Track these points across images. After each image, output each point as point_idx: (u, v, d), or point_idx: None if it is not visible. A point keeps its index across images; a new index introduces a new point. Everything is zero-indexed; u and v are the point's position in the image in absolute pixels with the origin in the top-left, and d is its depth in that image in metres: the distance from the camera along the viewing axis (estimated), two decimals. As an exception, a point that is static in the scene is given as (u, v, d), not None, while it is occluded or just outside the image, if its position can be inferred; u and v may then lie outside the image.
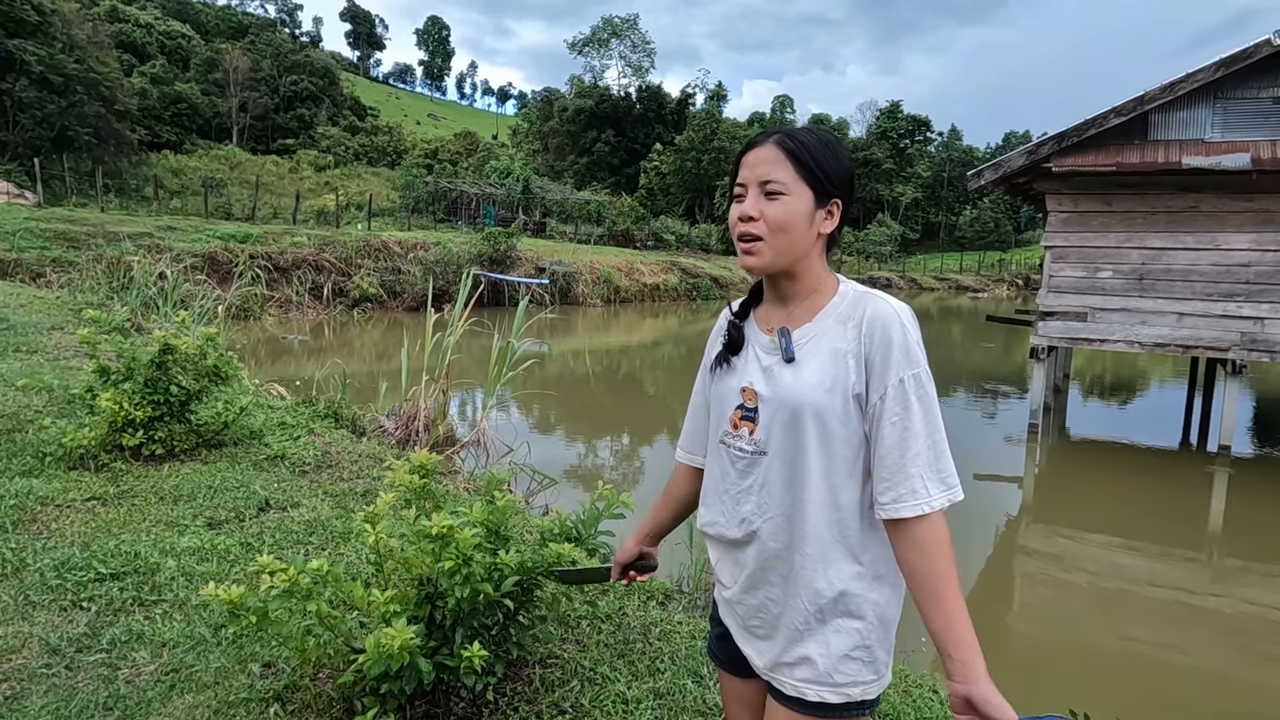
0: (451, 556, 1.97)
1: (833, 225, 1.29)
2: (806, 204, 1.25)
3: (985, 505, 8.06)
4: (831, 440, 1.23)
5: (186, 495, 3.84)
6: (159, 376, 4.23)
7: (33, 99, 34.39)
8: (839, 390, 1.22)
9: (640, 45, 70.75)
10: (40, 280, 15.28)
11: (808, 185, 1.25)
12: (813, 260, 1.30)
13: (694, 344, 22.39)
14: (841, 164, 1.28)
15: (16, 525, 3.40)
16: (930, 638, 1.16)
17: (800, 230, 1.26)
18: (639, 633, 2.80)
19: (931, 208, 75.16)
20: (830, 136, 1.30)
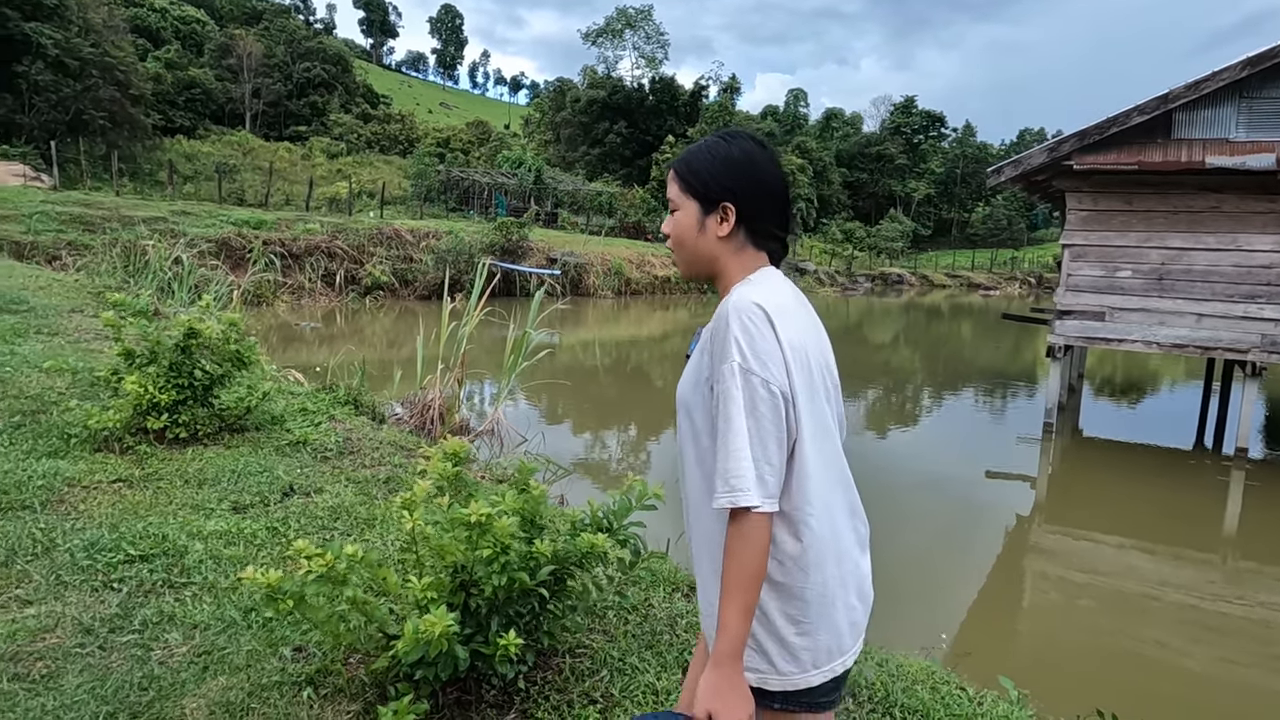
0: (489, 545, 1.97)
1: (729, 227, 1.32)
2: (693, 215, 1.34)
3: (996, 504, 8.04)
4: (698, 432, 1.28)
5: (211, 479, 3.86)
6: (183, 360, 4.25)
7: (48, 82, 34.47)
8: (700, 384, 1.28)
9: (654, 36, 70.36)
10: (56, 263, 15.35)
11: (692, 197, 1.33)
12: (725, 263, 1.34)
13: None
14: (726, 170, 1.31)
15: (45, 505, 3.42)
16: None
17: (691, 239, 1.35)
18: (666, 624, 2.80)
19: (944, 204, 74.72)
20: (716, 142, 1.35)
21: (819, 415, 1.26)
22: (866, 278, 47.40)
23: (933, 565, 6.37)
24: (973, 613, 5.36)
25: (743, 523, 1.16)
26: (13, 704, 2.12)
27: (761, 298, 1.22)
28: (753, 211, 1.32)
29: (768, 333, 1.19)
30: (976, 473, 9.04)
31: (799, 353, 1.23)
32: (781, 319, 1.22)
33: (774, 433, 1.18)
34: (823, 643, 1.25)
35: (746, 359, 1.17)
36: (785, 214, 1.38)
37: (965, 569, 6.25)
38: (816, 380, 1.27)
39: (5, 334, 6.31)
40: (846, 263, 48.84)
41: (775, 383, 1.18)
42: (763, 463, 1.16)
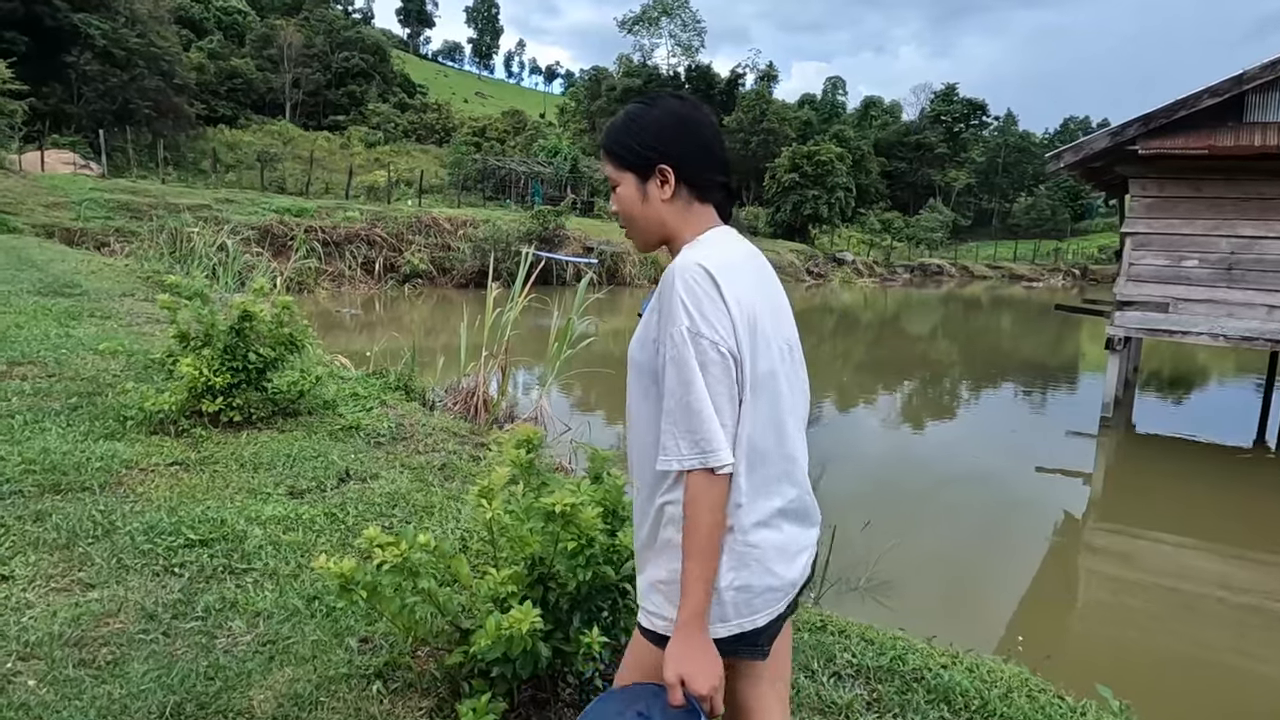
0: (572, 537, 1.85)
1: (670, 189, 1.31)
2: (631, 186, 1.32)
3: (1047, 500, 7.77)
4: (648, 389, 1.28)
5: (266, 463, 3.81)
6: (237, 344, 4.20)
7: (96, 72, 35.18)
8: (649, 344, 1.27)
9: (690, 24, 69.73)
10: (105, 249, 15.62)
11: (628, 169, 1.32)
12: (674, 225, 1.33)
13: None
14: (649, 131, 1.30)
15: (104, 487, 3.39)
16: None
17: (637, 210, 1.34)
18: (740, 622, 2.67)
19: (984, 194, 73.24)
20: (636, 109, 1.34)
21: (762, 375, 1.24)
22: (905, 268, 46.62)
23: (986, 562, 6.16)
24: (1038, 612, 5.15)
25: (704, 481, 1.16)
26: (79, 691, 2.06)
27: (705, 257, 1.21)
28: (690, 167, 1.31)
29: (713, 293, 1.18)
30: (1025, 467, 8.76)
31: (746, 311, 1.22)
32: (727, 277, 1.20)
33: (727, 394, 1.18)
34: (731, 600, 1.24)
35: (695, 321, 1.16)
36: (722, 161, 1.36)
37: (1021, 566, 6.03)
38: (761, 341, 1.25)
39: (60, 317, 6.37)
40: (885, 253, 48.09)
41: (724, 344, 1.17)
42: (719, 425, 1.16)
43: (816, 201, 41.79)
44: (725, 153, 1.38)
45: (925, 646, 2.66)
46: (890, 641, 2.62)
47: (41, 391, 4.58)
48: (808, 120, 65.06)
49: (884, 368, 16.13)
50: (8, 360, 5.07)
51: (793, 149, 44.71)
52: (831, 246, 44.69)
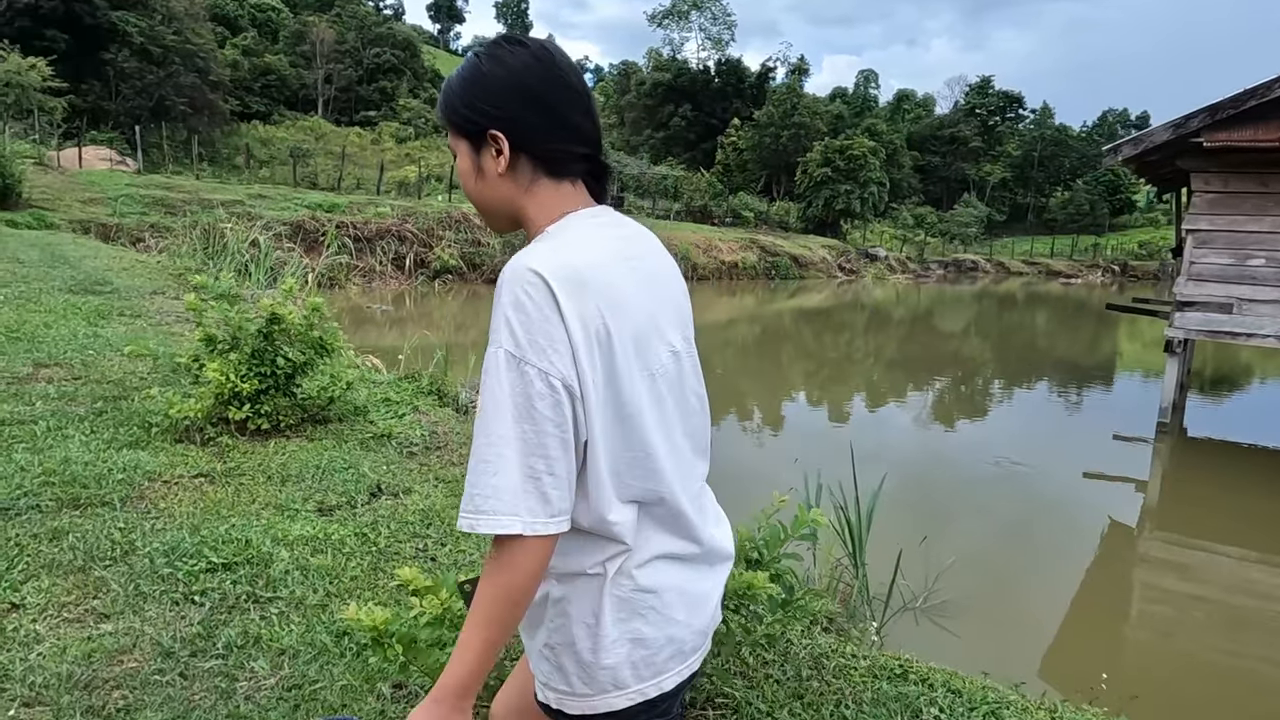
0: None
1: (505, 160, 1.04)
2: (466, 156, 1.08)
3: (1095, 508, 7.39)
4: None
5: (295, 475, 3.61)
6: (265, 348, 4.02)
7: (133, 69, 35.61)
8: None
9: (721, 17, 69.17)
10: (139, 245, 15.68)
11: (460, 135, 1.08)
12: (520, 206, 1.07)
13: (769, 325, 21.79)
14: (484, 89, 1.04)
15: (125, 501, 3.22)
16: None
17: (472, 186, 1.10)
18: (810, 665, 2.41)
19: (1019, 189, 71.74)
20: (474, 61, 1.07)
21: (623, 407, 0.98)
22: (939, 264, 45.77)
23: (1040, 577, 5.81)
24: (1108, 638, 4.82)
25: (509, 548, 0.92)
26: (86, 746, 1.86)
27: (544, 261, 0.94)
28: (528, 133, 1.03)
29: (549, 311, 0.92)
30: (1072, 473, 8.38)
31: (596, 328, 0.95)
32: (571, 286, 0.94)
33: (557, 435, 0.92)
34: (627, 661, 1.04)
35: (520, 344, 0.91)
36: (579, 128, 1.06)
37: (1078, 582, 5.68)
38: (623, 363, 0.98)
39: (90, 316, 6.26)
40: (918, 249, 47.25)
41: (556, 374, 0.91)
42: (545, 474, 0.92)
43: (849, 196, 41.12)
44: (590, 118, 1.07)
45: (1019, 699, 2.38)
46: (980, 693, 2.34)
47: (66, 395, 4.44)
48: (839, 114, 64.20)
49: (918, 366, 15.71)
50: (34, 361, 4.95)
51: (825, 143, 44.02)
52: (863, 242, 44.00)
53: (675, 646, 1.08)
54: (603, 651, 1.03)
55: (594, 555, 1.03)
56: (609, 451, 0.98)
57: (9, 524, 2.94)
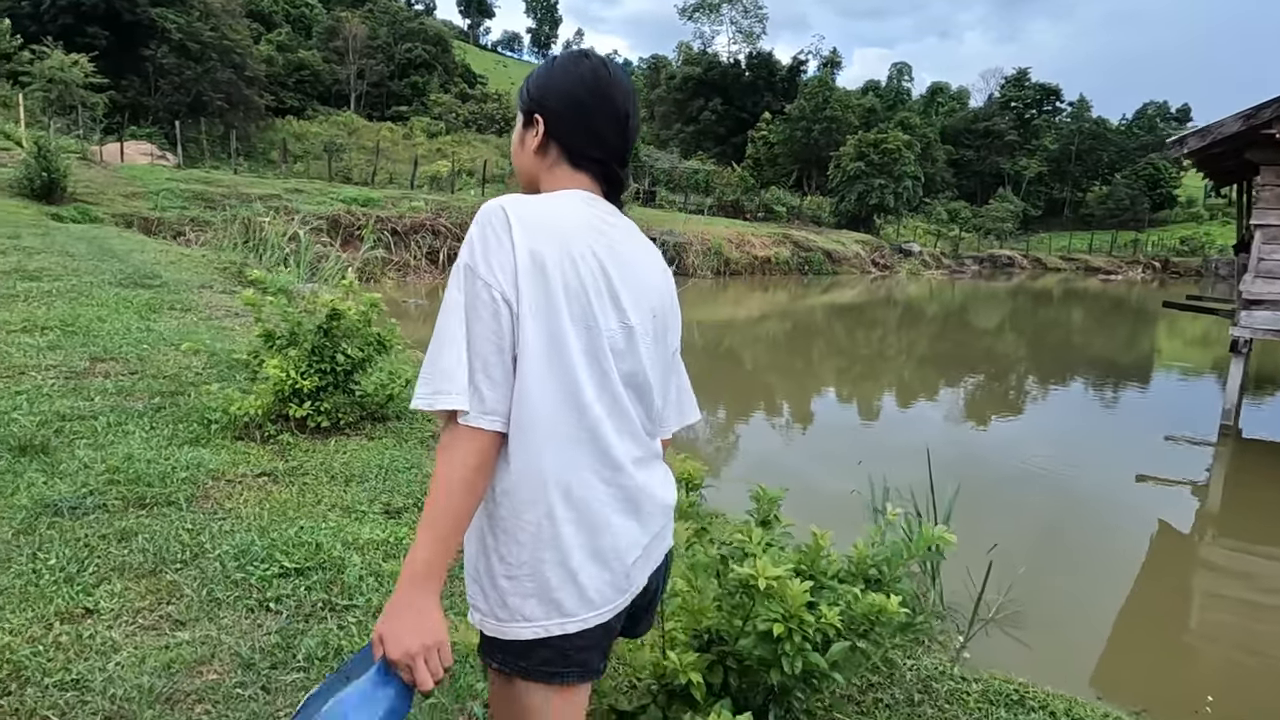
0: (777, 617, 1.47)
1: (537, 142, 1.24)
2: (517, 127, 1.30)
3: (1148, 512, 7.12)
4: None
5: (358, 475, 3.53)
6: (325, 344, 3.93)
7: (172, 65, 36.09)
8: None
9: (752, 10, 68.55)
10: (180, 238, 15.84)
11: (520, 110, 1.29)
12: (540, 180, 1.27)
13: (800, 320, 21.52)
14: (545, 82, 1.26)
15: (190, 501, 3.15)
16: None
17: (515, 153, 1.32)
18: (920, 689, 2.26)
19: (1055, 183, 70.34)
20: (554, 60, 1.28)
21: (560, 338, 1.09)
22: (974, 260, 45.02)
23: (1106, 585, 5.58)
24: (1193, 653, 4.59)
25: (452, 433, 1.05)
26: (173, 766, 1.77)
27: (510, 202, 1.12)
28: (562, 128, 1.24)
29: (504, 237, 1.09)
30: (1124, 476, 8.10)
31: (540, 263, 1.08)
32: (529, 226, 1.10)
33: (493, 340, 1.06)
34: (531, 593, 1.09)
35: (475, 260, 1.08)
36: (606, 141, 1.24)
37: (1145, 591, 5.45)
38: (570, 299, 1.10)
39: (141, 309, 6.25)
40: (953, 244, 46.49)
41: (497, 288, 1.06)
42: (479, 373, 1.05)
43: (883, 191, 40.51)
44: (620, 134, 1.25)
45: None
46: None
47: (124, 390, 4.40)
48: (871, 108, 63.34)
49: (958, 364, 15.38)
50: (91, 356, 4.93)
51: (859, 137, 43.40)
52: (897, 237, 43.40)
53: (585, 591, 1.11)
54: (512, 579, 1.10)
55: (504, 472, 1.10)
56: (541, 376, 1.07)
57: (77, 524, 2.88)
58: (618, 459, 1.14)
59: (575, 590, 1.10)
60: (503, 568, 1.09)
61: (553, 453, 1.09)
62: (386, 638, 1.02)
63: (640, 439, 1.19)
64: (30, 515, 2.89)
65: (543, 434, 1.08)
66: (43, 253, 8.35)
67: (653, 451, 1.24)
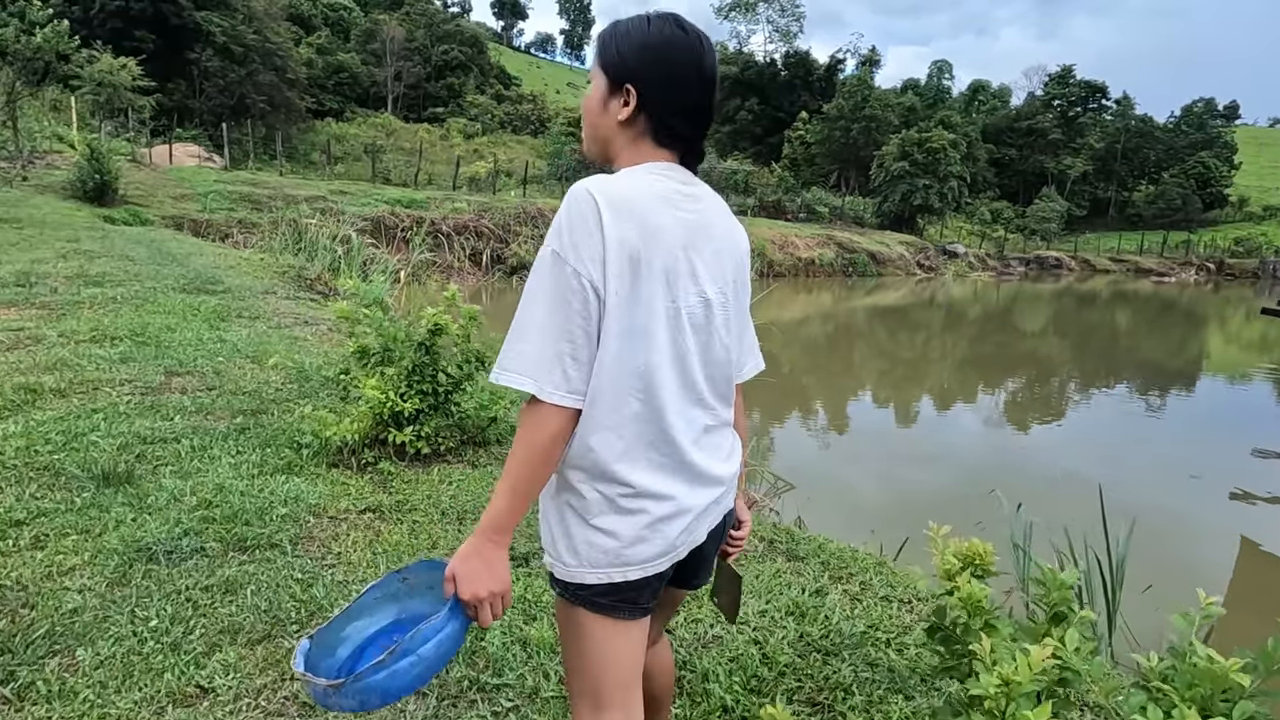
0: None
1: (628, 112, 1.21)
2: (600, 90, 1.24)
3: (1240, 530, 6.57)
4: None
5: (471, 512, 3.16)
6: (426, 362, 3.58)
7: (216, 68, 36.41)
8: None
9: (789, 8, 67.80)
10: (228, 240, 15.76)
11: (603, 71, 1.24)
12: (619, 149, 1.25)
13: (843, 322, 20.94)
14: (637, 50, 1.20)
15: (295, 544, 2.80)
16: None
17: (593, 116, 1.27)
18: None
19: (1100, 182, 68.53)
20: (638, 23, 1.23)
21: (641, 322, 1.14)
22: (1020, 261, 43.91)
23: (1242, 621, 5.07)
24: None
25: (533, 410, 1.12)
26: None
27: (598, 186, 1.13)
28: (656, 103, 1.20)
29: (593, 225, 1.10)
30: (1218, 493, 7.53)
31: (630, 252, 1.12)
32: (618, 211, 1.12)
33: (581, 325, 1.11)
34: (595, 547, 1.19)
35: (564, 246, 1.11)
36: (697, 115, 1.23)
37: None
38: (645, 288, 1.13)
39: (210, 318, 5.98)
40: (997, 245, 45.39)
41: (586, 275, 1.10)
42: (566, 356, 1.11)
43: (927, 191, 39.63)
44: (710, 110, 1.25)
45: None
46: None
47: (204, 409, 4.09)
48: (911, 106, 62.25)
49: (1020, 372, 14.74)
50: (165, 369, 4.64)
51: (902, 136, 42.55)
52: (940, 238, 42.47)
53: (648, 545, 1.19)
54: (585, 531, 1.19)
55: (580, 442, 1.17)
56: (617, 356, 1.13)
57: (175, 572, 2.54)
58: (680, 435, 1.21)
59: (634, 549, 1.19)
60: (576, 523, 1.20)
61: (620, 428, 1.16)
62: (460, 579, 1.12)
63: (710, 408, 1.27)
64: (123, 562, 2.56)
65: (613, 410, 1.15)
66: (103, 256, 8.17)
67: (722, 420, 1.31)
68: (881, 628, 2.54)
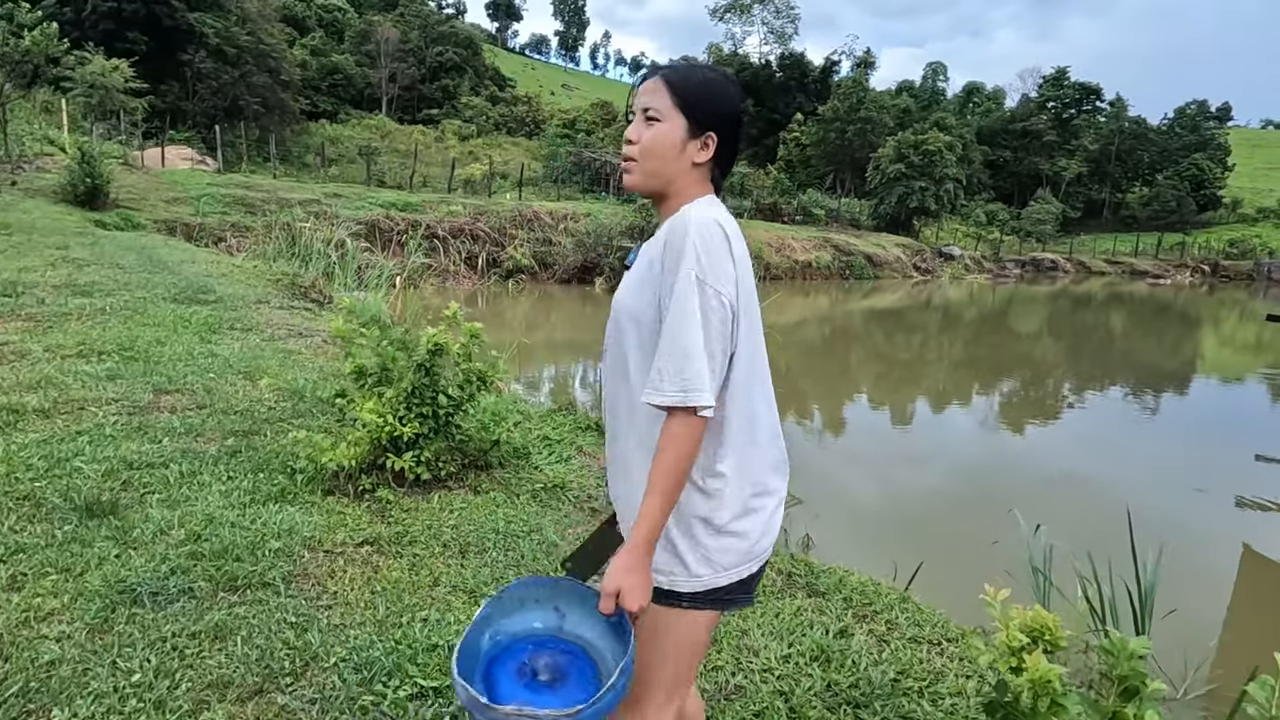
0: None
1: (706, 156, 1.36)
2: (678, 131, 1.34)
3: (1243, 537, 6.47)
4: (644, 338, 1.33)
5: (474, 544, 3.01)
6: (425, 384, 3.42)
7: (209, 70, 36.12)
8: (646, 293, 1.32)
9: (784, 10, 67.72)
10: (220, 244, 15.57)
11: (681, 114, 1.34)
12: (684, 186, 1.36)
13: (840, 325, 20.82)
14: (720, 101, 1.36)
15: (288, 582, 2.64)
16: None
17: (669, 155, 1.35)
18: None
19: (1094, 184, 68.64)
20: (715, 76, 1.39)
21: (754, 334, 1.34)
22: (1016, 263, 43.90)
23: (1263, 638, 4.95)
24: None
25: (684, 422, 1.20)
26: None
27: (719, 216, 1.30)
28: (726, 151, 1.39)
29: (724, 247, 1.26)
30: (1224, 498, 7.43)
31: (742, 274, 1.30)
32: (737, 239, 1.30)
33: (720, 342, 1.25)
34: (731, 549, 1.31)
35: (704, 270, 1.22)
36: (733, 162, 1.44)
37: None
38: (749, 304, 1.32)
39: (201, 330, 5.81)
40: (993, 247, 45.36)
41: (726, 296, 1.24)
42: (713, 371, 1.23)
43: (923, 193, 39.55)
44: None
45: None
46: None
47: (193, 430, 3.93)
48: (906, 108, 62.22)
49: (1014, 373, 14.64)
50: (154, 387, 4.47)
51: (898, 138, 42.49)
52: (936, 240, 42.43)
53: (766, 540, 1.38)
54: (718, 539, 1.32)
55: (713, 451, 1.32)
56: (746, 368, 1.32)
57: (160, 616, 2.38)
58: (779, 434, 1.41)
59: (759, 543, 1.34)
60: (706, 534, 1.29)
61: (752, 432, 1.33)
62: (626, 594, 1.19)
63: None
64: (105, 605, 2.40)
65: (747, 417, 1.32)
66: (92, 264, 7.99)
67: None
68: (912, 674, 2.40)
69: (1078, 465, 8.69)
